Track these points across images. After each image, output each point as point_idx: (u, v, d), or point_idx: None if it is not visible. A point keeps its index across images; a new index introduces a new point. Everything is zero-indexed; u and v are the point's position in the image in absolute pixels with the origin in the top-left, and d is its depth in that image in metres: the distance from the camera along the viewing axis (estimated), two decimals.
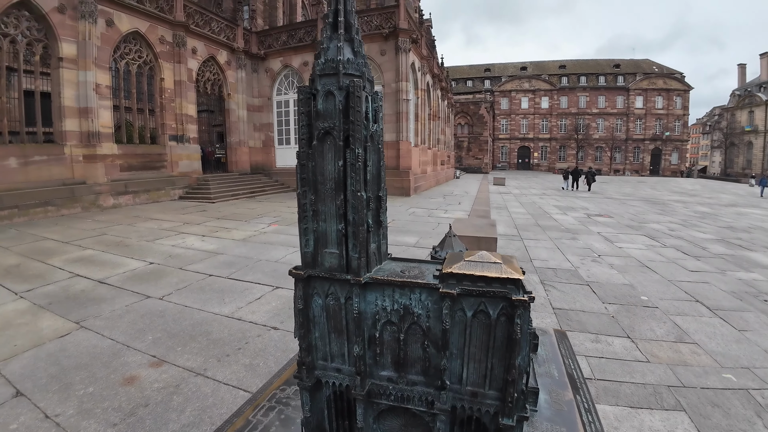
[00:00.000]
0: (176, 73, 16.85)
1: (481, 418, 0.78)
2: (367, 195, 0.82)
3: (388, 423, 0.85)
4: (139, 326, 4.22)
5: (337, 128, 0.79)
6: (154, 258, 7.07)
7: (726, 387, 3.36)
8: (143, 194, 15.24)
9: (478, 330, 0.75)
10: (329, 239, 0.82)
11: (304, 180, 0.82)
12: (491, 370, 0.76)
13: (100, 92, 13.73)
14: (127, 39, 15.03)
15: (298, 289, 0.84)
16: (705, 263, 7.60)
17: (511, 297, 0.71)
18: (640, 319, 4.79)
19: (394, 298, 0.79)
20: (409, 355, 0.81)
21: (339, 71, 0.79)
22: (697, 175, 61.77)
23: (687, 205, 18.92)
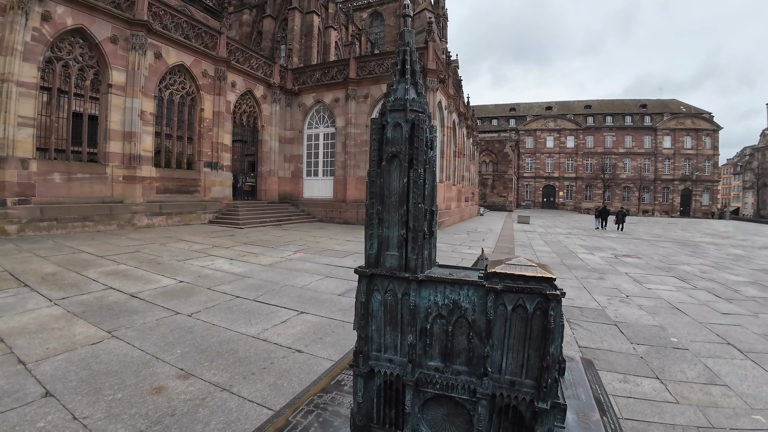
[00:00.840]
0: (215, 104, 17.85)
1: (518, 406, 0.86)
2: (425, 207, 0.96)
3: (432, 413, 0.94)
4: (169, 340, 4.37)
5: (403, 152, 0.95)
6: (184, 277, 7.32)
7: (756, 428, 3.24)
8: (176, 216, 15.86)
9: (516, 322, 0.85)
10: (391, 243, 0.96)
11: (373, 193, 0.97)
12: (528, 360, 0.85)
13: (144, 118, 14.66)
14: (172, 71, 16.11)
15: (362, 285, 0.97)
16: (738, 306, 7.33)
17: (545, 292, 0.82)
18: (670, 360, 4.66)
19: (445, 294, 0.91)
20: (455, 346, 0.91)
21: (406, 108, 0.96)
22: (729, 216, 59.68)
23: (719, 247, 18.28)
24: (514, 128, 64.49)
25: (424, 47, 18.77)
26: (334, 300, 6.34)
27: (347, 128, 20.47)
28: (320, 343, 4.57)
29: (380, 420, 0.99)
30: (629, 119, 62.96)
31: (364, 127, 20.27)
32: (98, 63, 13.68)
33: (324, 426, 1.30)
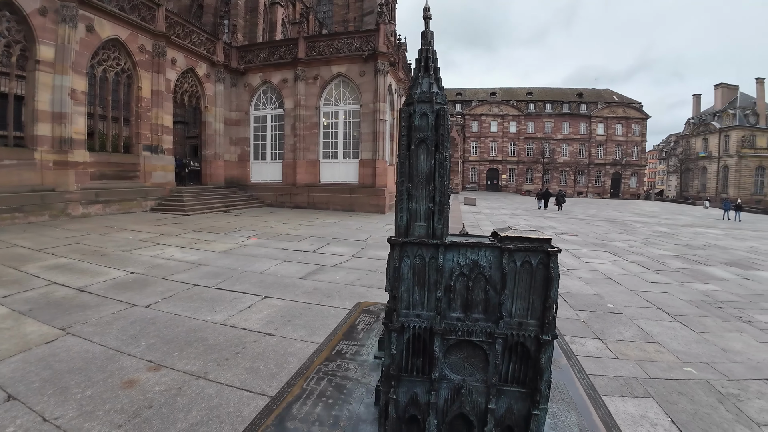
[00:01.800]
0: (154, 82, 16.80)
1: (524, 342, 1.07)
2: (447, 184, 1.14)
3: (453, 357, 1.13)
4: (131, 333, 4.25)
5: (430, 138, 1.11)
6: (134, 268, 7.04)
7: (689, 378, 3.78)
8: (114, 204, 14.94)
9: (524, 275, 1.06)
10: (419, 215, 1.11)
11: (402, 173, 1.13)
12: (532, 304, 1.07)
13: (75, 98, 13.55)
14: (106, 46, 14.94)
15: (394, 252, 1.13)
16: (664, 276, 8.24)
17: (546, 249, 1.04)
18: (609, 323, 5.23)
19: (466, 256, 1.09)
20: (473, 298, 1.09)
21: (432, 100, 1.12)
22: (654, 197, 65.36)
23: (647, 226, 20.11)
24: (461, 113, 66.06)
25: (375, 30, 18.73)
26: (296, 283, 6.40)
27: (296, 110, 20.05)
28: (290, 325, 4.65)
29: (408, 368, 1.17)
30: (567, 107, 66.58)
31: (314, 109, 19.93)
32: (25, 38, 12.42)
33: (338, 389, 1.45)
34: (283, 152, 20.88)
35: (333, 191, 19.66)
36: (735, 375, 3.87)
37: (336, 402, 1.39)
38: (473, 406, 1.11)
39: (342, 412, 1.33)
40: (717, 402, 3.36)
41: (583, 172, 65.60)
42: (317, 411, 1.34)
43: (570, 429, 1.25)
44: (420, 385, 1.14)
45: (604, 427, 1.29)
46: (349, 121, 19.73)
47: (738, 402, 3.36)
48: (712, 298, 6.68)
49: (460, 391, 1.11)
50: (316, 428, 1.26)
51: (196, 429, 2.73)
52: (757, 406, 3.30)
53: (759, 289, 7.51)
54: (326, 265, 7.78)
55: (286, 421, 1.31)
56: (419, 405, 1.13)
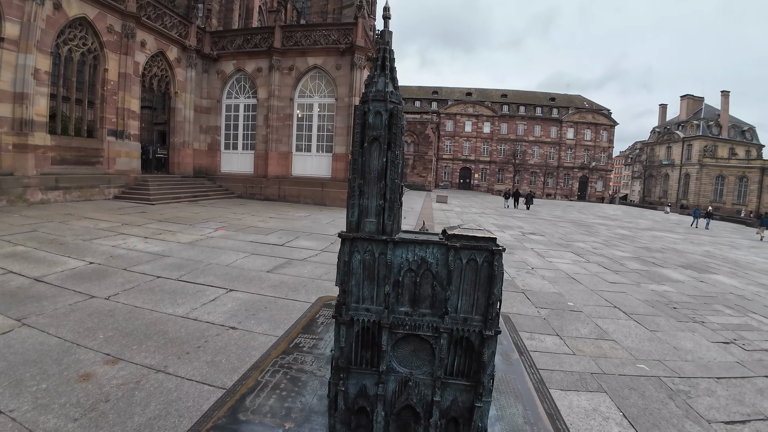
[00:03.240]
0: (122, 65, 16.14)
1: (469, 337, 1.12)
2: (399, 183, 1.16)
3: (401, 350, 1.16)
4: (88, 325, 4.12)
5: (383, 137, 1.13)
6: (94, 258, 6.79)
7: (641, 375, 3.99)
8: (75, 191, 14.30)
9: (469, 272, 1.10)
10: (370, 211, 1.13)
11: (355, 170, 1.15)
12: (477, 300, 1.11)
13: (38, 78, 12.89)
14: (73, 24, 14.26)
15: (345, 247, 1.14)
16: (623, 277, 8.60)
17: (491, 248, 1.08)
18: (567, 321, 5.44)
19: (415, 252, 1.12)
20: (421, 294, 1.13)
21: (386, 99, 1.14)
22: (618, 201, 67.88)
23: (609, 228, 20.88)
24: (436, 111, 66.52)
25: (353, 23, 18.58)
26: (262, 277, 6.33)
27: (270, 100, 19.69)
28: (254, 319, 4.61)
29: (358, 361, 1.19)
30: (539, 110, 68.17)
31: (288, 100, 19.63)
32: None
33: (293, 381, 1.46)
34: (255, 143, 20.49)
35: (305, 184, 19.46)
36: (685, 372, 4.09)
37: (290, 394, 1.41)
38: (420, 397, 1.15)
39: (295, 404, 1.35)
40: (667, 398, 3.55)
41: (552, 175, 67.43)
42: (270, 403, 1.35)
43: (515, 421, 1.31)
44: (369, 378, 1.17)
45: (548, 419, 1.36)
46: (323, 114, 19.55)
47: (688, 398, 3.56)
48: (667, 299, 7.02)
49: (408, 383, 1.14)
50: (268, 420, 1.27)
51: (154, 423, 2.68)
52: (706, 403, 3.50)
53: (712, 291, 7.95)
54: (294, 258, 7.72)
55: (238, 413, 1.32)
56: (368, 397, 1.16)
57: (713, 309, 6.65)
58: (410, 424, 1.17)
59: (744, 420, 3.28)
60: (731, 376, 4.10)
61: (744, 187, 51.33)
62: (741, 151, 57.70)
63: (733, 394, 3.70)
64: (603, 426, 3.06)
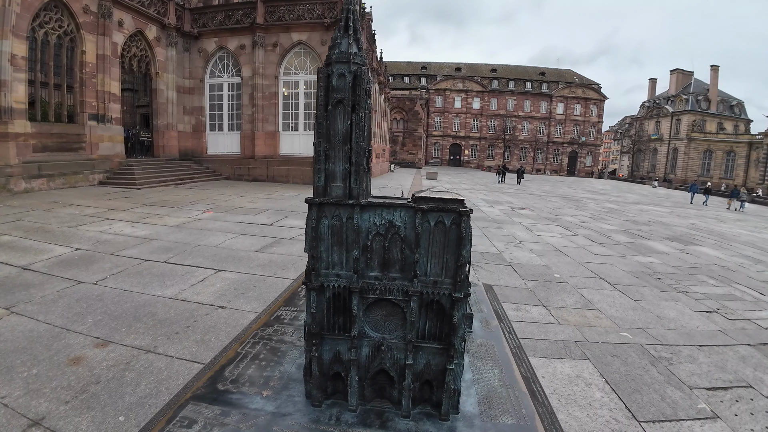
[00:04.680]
0: (99, 46, 15.61)
1: (440, 300, 1.12)
2: (364, 146, 1.13)
3: (373, 315, 1.17)
4: (76, 310, 4.12)
5: (347, 99, 1.11)
6: (80, 244, 6.72)
7: (623, 342, 4.09)
8: (59, 178, 14.02)
9: (438, 234, 1.10)
10: (337, 176, 1.12)
11: (320, 133, 1.13)
12: (446, 263, 1.11)
13: (15, 64, 12.45)
14: (48, 7, 13.71)
15: (312, 212, 1.13)
16: (609, 249, 8.73)
17: (458, 210, 1.08)
18: (553, 292, 5.54)
19: (382, 216, 1.11)
20: (390, 258, 1.13)
21: (350, 60, 1.11)
22: (607, 176, 68.37)
23: (597, 202, 21.10)
24: (425, 87, 65.73)
25: None
26: (251, 256, 6.33)
27: (254, 79, 19.27)
28: (243, 297, 4.63)
29: (330, 327, 1.20)
30: (529, 85, 67.63)
31: (273, 78, 19.22)
32: None
33: (273, 352, 1.47)
34: (240, 123, 20.13)
35: (293, 164, 19.26)
36: (668, 340, 4.20)
37: (269, 364, 1.42)
38: (393, 362, 1.16)
39: (274, 373, 1.36)
40: (649, 364, 3.65)
41: (542, 150, 67.50)
42: (249, 372, 1.36)
43: (491, 384, 1.34)
44: (342, 343, 1.18)
45: (523, 381, 1.38)
46: (310, 91, 19.18)
47: (669, 365, 3.66)
48: (652, 270, 7.16)
49: (381, 347, 1.16)
50: (247, 388, 1.28)
51: (145, 401, 2.72)
52: (688, 370, 3.61)
53: (697, 262, 8.11)
54: (283, 237, 7.71)
55: (217, 383, 1.33)
56: (342, 362, 1.18)
57: (697, 279, 6.80)
58: (385, 388, 1.18)
59: (726, 386, 3.39)
60: (714, 344, 4.22)
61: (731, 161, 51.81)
62: (729, 126, 58.04)
63: (715, 362, 3.81)
64: (585, 392, 3.15)
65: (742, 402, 3.21)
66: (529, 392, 1.32)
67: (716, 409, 3.07)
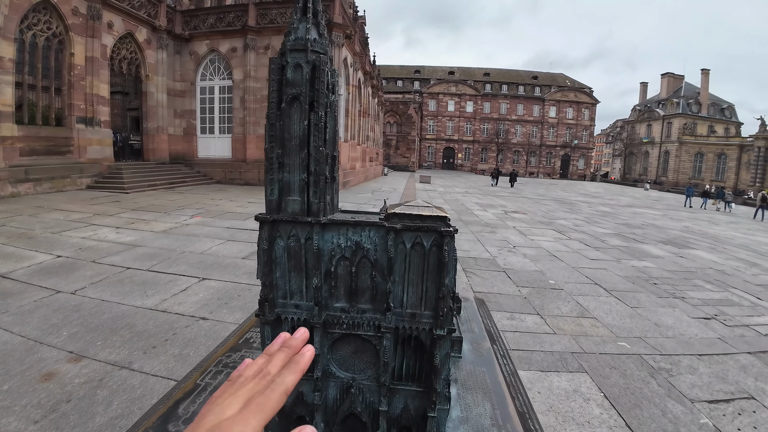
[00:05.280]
0: (88, 48, 15.34)
1: (419, 335, 0.95)
2: (326, 152, 0.95)
3: (341, 351, 0.99)
4: (53, 321, 3.93)
5: (304, 94, 0.93)
6: (62, 251, 6.49)
7: (621, 353, 3.94)
8: (46, 182, 13.70)
9: (415, 258, 0.93)
10: (293, 188, 0.94)
11: (273, 137, 0.94)
12: (426, 292, 0.94)
13: (3, 66, 12.21)
14: (36, 8, 13.45)
15: (263, 232, 0.95)
16: (604, 253, 8.62)
17: (440, 229, 0.90)
18: (548, 299, 5.39)
19: (347, 236, 0.94)
20: (359, 286, 0.96)
21: (307, 48, 0.94)
22: (599, 179, 68.71)
23: (591, 205, 21.06)
24: (418, 90, 65.81)
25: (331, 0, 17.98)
26: (238, 264, 6.14)
27: (246, 82, 19.07)
28: (226, 308, 4.44)
29: None
30: (522, 89, 67.98)
31: (265, 81, 18.81)
32: None
33: None
34: (232, 126, 19.91)
35: None
36: (667, 350, 4.06)
37: None
38: (366, 405, 0.99)
39: None
40: (649, 376, 3.51)
41: (535, 153, 67.74)
42: None
43: (481, 423, 1.17)
44: (306, 384, 1.01)
45: (519, 419, 1.22)
46: None
47: (669, 377, 3.52)
48: (647, 275, 7.05)
49: (350, 389, 0.98)
50: None
51: (116, 423, 2.55)
52: (689, 381, 3.47)
53: (692, 266, 8.02)
54: None
55: (168, 423, 1.16)
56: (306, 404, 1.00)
57: (693, 284, 6.69)
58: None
59: (727, 399, 3.25)
60: (713, 352, 4.09)
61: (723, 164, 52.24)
62: (720, 129, 58.51)
63: (716, 372, 3.68)
64: (584, 408, 3.00)
65: (744, 415, 3.08)
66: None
67: (719, 424, 2.94)
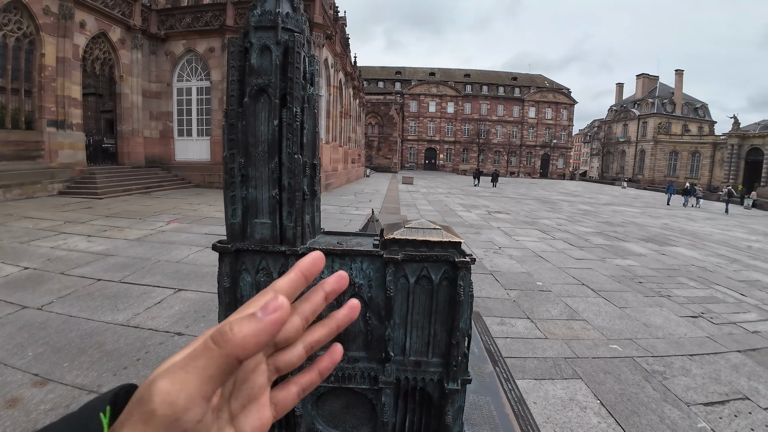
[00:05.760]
0: (60, 48, 14.72)
1: (425, 388, 0.77)
2: (304, 159, 0.76)
3: (328, 406, 0.80)
4: (17, 341, 3.65)
5: (273, 85, 0.72)
6: (30, 262, 6.11)
7: (614, 356, 3.86)
8: (16, 188, 13.05)
9: (421, 296, 0.75)
10: (261, 208, 0.74)
11: (233, 141, 0.73)
12: (434, 336, 0.76)
13: None
14: (7, 8, 12.91)
15: (224, 266, 0.75)
16: (588, 252, 8.62)
17: (453, 260, 0.72)
18: (537, 302, 5.30)
19: (333, 270, 0.75)
20: (349, 330, 0.77)
21: (278, 25, 0.72)
22: (578, 178, 69.84)
23: (572, 204, 21.29)
24: (400, 92, 65.78)
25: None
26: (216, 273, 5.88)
27: (225, 83, 18.29)
28: (204, 321, 4.20)
29: None
30: (502, 90, 68.71)
31: None
32: None
33: None
34: (210, 128, 19.39)
35: None
36: (658, 351, 4.00)
37: None
38: None
39: None
40: (643, 380, 3.43)
41: (515, 153, 68.52)
42: None
43: None
44: None
45: None
46: None
47: (664, 380, 3.45)
48: (632, 273, 7.05)
49: None
50: None
51: None
52: (683, 384, 3.40)
53: (675, 264, 8.07)
54: None
55: None
56: None
57: (678, 282, 6.72)
58: None
59: (722, 400, 3.19)
60: (704, 352, 4.05)
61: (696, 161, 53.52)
62: (694, 128, 60.10)
63: (709, 372, 3.63)
64: (581, 417, 2.89)
65: (741, 417, 3.03)
66: None
67: (717, 428, 2.89)
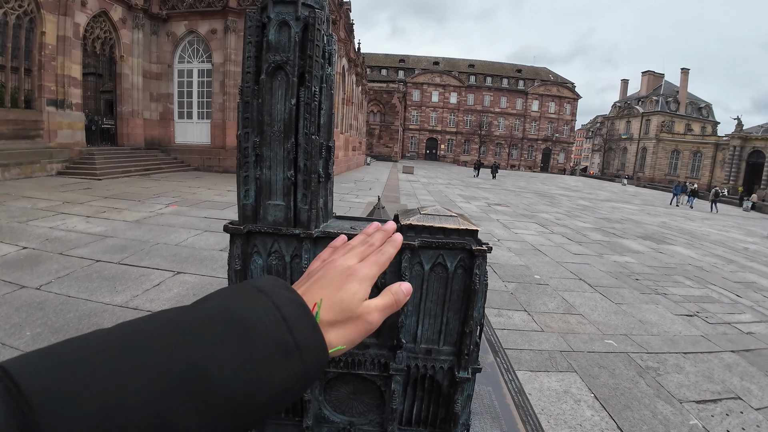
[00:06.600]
0: (60, 27, 14.51)
1: (434, 376, 0.77)
2: (320, 141, 0.74)
3: (335, 392, 0.80)
4: (15, 320, 3.65)
5: (291, 63, 0.70)
6: (28, 242, 6.09)
7: (609, 351, 3.90)
8: (14, 168, 12.96)
9: (435, 284, 0.74)
10: (275, 189, 0.73)
11: (247, 120, 0.71)
12: (446, 324, 0.76)
13: None
14: None
15: (235, 248, 0.74)
16: (586, 248, 8.65)
17: (470, 248, 0.71)
18: (535, 295, 5.34)
19: None
20: None
21: (298, 1, 0.70)
22: (579, 173, 69.81)
23: (571, 199, 21.30)
24: (403, 80, 65.32)
25: None
26: (215, 256, 5.88)
27: (226, 65, 18.42)
28: None
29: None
30: (506, 82, 68.24)
31: None
32: None
33: None
34: (211, 111, 19.24)
35: None
36: (653, 348, 4.04)
37: None
38: None
39: None
40: (637, 376, 3.46)
41: (516, 146, 68.33)
42: None
43: None
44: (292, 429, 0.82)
45: None
46: None
47: (657, 376, 3.48)
48: (629, 270, 7.09)
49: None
50: None
51: None
52: (676, 381, 3.43)
53: (671, 262, 8.11)
54: None
55: None
56: None
57: (674, 280, 6.75)
58: None
59: (715, 399, 3.23)
60: (698, 350, 4.09)
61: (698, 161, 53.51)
62: (697, 128, 59.94)
63: (702, 371, 3.66)
64: (575, 410, 2.92)
65: (732, 416, 3.06)
66: None
67: (708, 425, 2.92)
